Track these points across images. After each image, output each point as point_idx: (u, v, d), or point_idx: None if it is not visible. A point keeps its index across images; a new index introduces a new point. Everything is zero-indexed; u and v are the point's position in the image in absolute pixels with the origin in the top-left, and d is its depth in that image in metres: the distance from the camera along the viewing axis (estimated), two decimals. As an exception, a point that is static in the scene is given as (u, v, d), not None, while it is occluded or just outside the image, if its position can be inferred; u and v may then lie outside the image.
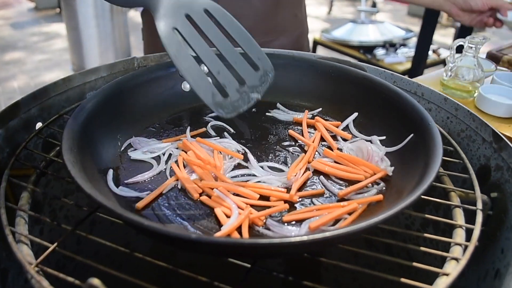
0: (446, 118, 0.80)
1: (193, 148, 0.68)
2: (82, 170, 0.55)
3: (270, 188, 0.61)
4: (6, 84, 4.25)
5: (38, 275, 0.49)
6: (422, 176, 0.55)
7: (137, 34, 5.41)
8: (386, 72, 0.89)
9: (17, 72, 4.60)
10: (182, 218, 0.57)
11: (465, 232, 0.57)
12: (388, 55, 3.02)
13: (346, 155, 0.68)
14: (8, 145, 0.73)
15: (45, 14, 6.63)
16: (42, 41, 5.57)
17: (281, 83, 0.86)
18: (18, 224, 0.57)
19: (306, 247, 0.43)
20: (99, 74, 0.88)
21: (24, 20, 6.43)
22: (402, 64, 2.98)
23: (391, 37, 3.14)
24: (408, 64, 2.93)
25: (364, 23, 3.34)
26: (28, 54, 5.13)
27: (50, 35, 5.73)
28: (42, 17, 6.52)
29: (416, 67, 2.64)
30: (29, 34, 5.80)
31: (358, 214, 0.57)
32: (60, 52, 5.11)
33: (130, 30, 4.36)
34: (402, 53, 3.02)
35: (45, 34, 5.79)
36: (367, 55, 3.09)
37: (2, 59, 4.98)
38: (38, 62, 4.90)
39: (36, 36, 5.73)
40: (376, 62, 3.03)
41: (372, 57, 3.06)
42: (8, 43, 5.46)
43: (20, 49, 5.29)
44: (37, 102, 0.78)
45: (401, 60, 2.96)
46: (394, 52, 3.05)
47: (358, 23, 3.37)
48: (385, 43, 3.13)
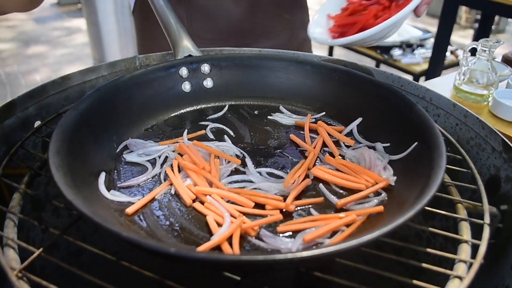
0: (455, 124, 0.77)
1: (188, 151, 0.66)
2: (69, 174, 0.53)
3: (266, 196, 0.59)
4: (29, 78, 4.31)
5: (21, 281, 0.48)
6: (424, 187, 0.52)
7: None
8: (393, 75, 0.85)
9: (39, 65, 4.67)
10: (172, 225, 0.55)
11: (471, 247, 0.54)
12: (405, 55, 2.97)
13: (348, 163, 0.65)
14: (4, 144, 0.72)
15: (67, 9, 6.70)
16: (64, 35, 5.64)
17: (284, 86, 0.84)
18: (6, 226, 0.56)
19: (295, 264, 0.40)
20: (99, 72, 0.87)
21: (46, 15, 6.51)
22: (419, 65, 2.92)
23: (408, 38, 3.08)
24: (425, 65, 2.87)
25: (381, 22, 3.28)
26: (50, 48, 5.20)
27: (71, 30, 5.80)
28: (64, 12, 6.60)
29: (433, 68, 2.58)
30: (51, 29, 5.88)
31: (357, 226, 0.55)
32: (81, 47, 5.17)
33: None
34: (419, 54, 2.96)
35: (67, 29, 5.86)
36: (384, 55, 3.04)
37: (25, 53, 5.06)
38: (60, 56, 4.97)
39: (58, 31, 5.80)
40: (393, 63, 2.98)
41: (389, 57, 3.01)
42: (31, 38, 5.54)
43: (43, 43, 5.36)
44: (34, 101, 0.77)
45: (418, 61, 2.90)
46: (411, 53, 2.99)
47: (375, 22, 3.31)
48: (402, 43, 3.07)
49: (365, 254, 0.51)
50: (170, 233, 0.54)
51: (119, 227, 0.45)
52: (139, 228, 0.54)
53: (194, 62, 0.83)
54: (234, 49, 0.95)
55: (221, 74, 0.85)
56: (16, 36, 5.58)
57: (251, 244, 0.52)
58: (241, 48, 0.95)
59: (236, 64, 0.85)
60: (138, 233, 0.53)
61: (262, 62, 0.84)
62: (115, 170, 0.65)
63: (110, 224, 0.45)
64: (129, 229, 0.53)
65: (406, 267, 0.78)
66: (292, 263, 0.40)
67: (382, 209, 0.56)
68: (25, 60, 4.85)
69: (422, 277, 0.65)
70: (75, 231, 0.80)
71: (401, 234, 0.83)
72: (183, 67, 0.82)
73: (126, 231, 0.43)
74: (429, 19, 6.29)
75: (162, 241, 0.52)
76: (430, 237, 0.79)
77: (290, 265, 0.40)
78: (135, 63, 0.92)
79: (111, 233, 0.42)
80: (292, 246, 0.51)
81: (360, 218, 0.55)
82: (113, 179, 0.64)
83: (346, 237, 0.53)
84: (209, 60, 0.84)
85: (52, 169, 0.52)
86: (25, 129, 0.75)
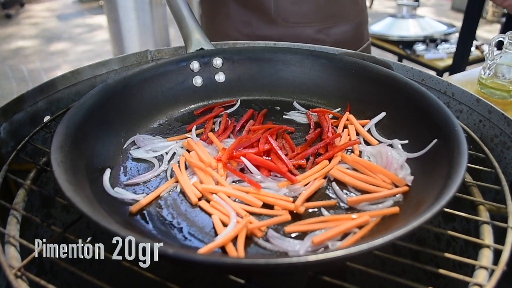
0: (478, 121, 0.72)
1: (196, 148, 0.63)
2: (71, 170, 0.52)
3: (275, 196, 0.56)
4: (51, 74, 4.38)
5: (19, 280, 0.47)
6: (443, 188, 0.48)
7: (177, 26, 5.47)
8: (414, 69, 0.81)
9: (61, 62, 4.74)
10: (177, 224, 0.53)
11: (493, 253, 0.50)
12: (429, 50, 2.88)
13: (364, 161, 0.61)
14: (12, 138, 0.72)
15: (89, 6, 6.79)
16: (85, 32, 5.71)
17: (298, 80, 0.81)
18: (9, 223, 0.54)
19: (300, 268, 0.37)
20: (110, 67, 0.85)
21: (69, 12, 6.62)
22: (443, 60, 2.83)
23: (432, 32, 3.00)
24: (449, 60, 2.79)
25: (404, 17, 3.20)
26: (72, 45, 5.28)
27: (93, 27, 5.87)
28: (86, 9, 6.69)
29: (458, 64, 2.50)
30: (73, 26, 5.96)
31: (370, 228, 0.51)
32: (102, 43, 5.23)
33: (169, 23, 4.39)
34: (443, 49, 2.87)
35: (88, 26, 5.93)
36: (406, 51, 2.96)
37: (47, 49, 5.15)
38: (81, 53, 5.03)
39: (80, 28, 5.88)
40: (415, 58, 2.90)
41: (412, 52, 2.93)
42: (53, 34, 5.64)
43: (65, 40, 5.44)
44: (44, 95, 0.76)
45: (442, 56, 2.82)
46: (435, 48, 2.91)
47: (398, 17, 3.24)
48: (426, 38, 2.98)
49: (379, 258, 0.48)
50: (174, 232, 0.52)
51: (117, 226, 0.42)
52: (141, 227, 0.52)
53: (206, 56, 0.80)
54: (248, 43, 0.92)
55: (234, 68, 0.82)
56: (39, 33, 5.68)
57: (258, 246, 0.50)
58: (255, 42, 0.92)
59: (249, 58, 0.82)
60: (139, 232, 0.51)
61: (276, 56, 0.82)
62: (121, 167, 0.64)
63: (109, 223, 0.43)
64: (131, 228, 0.51)
65: (424, 271, 0.74)
66: (296, 268, 0.37)
67: (397, 210, 0.53)
68: (48, 57, 4.93)
69: (441, 281, 0.62)
70: (86, 228, 0.79)
71: (418, 236, 0.79)
72: (194, 61, 0.80)
73: (124, 230, 0.41)
74: (455, 14, 6.14)
75: (164, 241, 0.50)
76: (450, 239, 0.75)
77: (294, 269, 0.38)
78: (147, 57, 0.90)
79: (109, 232, 0.40)
80: (300, 249, 0.48)
81: (374, 220, 0.52)
82: (118, 176, 0.62)
83: (358, 239, 0.49)
84: (221, 54, 0.81)
85: (53, 165, 0.50)
86: (34, 124, 0.74)
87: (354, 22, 1.19)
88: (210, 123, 0.73)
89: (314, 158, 0.64)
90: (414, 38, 2.99)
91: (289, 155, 0.65)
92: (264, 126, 0.70)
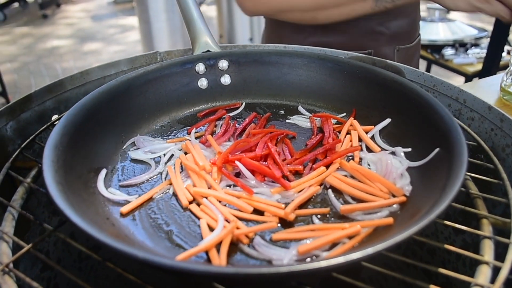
0: (490, 129, 0.69)
1: (192, 151, 0.63)
2: (62, 169, 0.52)
3: (266, 202, 0.55)
4: (84, 73, 4.49)
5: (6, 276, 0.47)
6: (437, 200, 0.46)
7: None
8: (425, 74, 0.78)
9: (93, 62, 4.86)
10: (166, 227, 0.53)
11: (492, 270, 0.47)
12: (458, 55, 2.79)
13: (362, 169, 0.60)
14: (19, 136, 0.73)
15: (123, 8, 6.95)
16: (118, 33, 5.85)
17: (304, 84, 0.80)
18: (5, 220, 0.55)
19: (272, 279, 0.36)
20: (119, 67, 0.86)
21: (103, 13, 6.79)
22: (473, 66, 2.74)
23: (462, 36, 2.90)
24: (479, 65, 2.69)
25: (434, 21, 3.12)
26: (104, 45, 5.41)
27: (125, 28, 6.00)
28: (120, 10, 6.85)
29: (487, 69, 2.41)
30: (106, 26, 6.12)
31: (361, 239, 0.49)
32: (134, 44, 5.34)
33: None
34: (473, 54, 2.78)
35: (121, 27, 6.07)
36: (434, 55, 2.88)
37: (81, 49, 5.30)
38: (114, 53, 5.15)
39: (113, 28, 6.02)
40: (444, 63, 2.82)
41: (440, 57, 2.85)
42: (87, 35, 5.80)
43: (98, 40, 5.59)
44: (52, 95, 0.78)
45: (472, 61, 2.72)
46: (465, 53, 2.82)
47: (427, 21, 3.15)
48: (455, 42, 2.89)
49: (367, 270, 0.46)
50: (161, 235, 0.52)
51: (96, 227, 0.42)
52: (130, 229, 0.52)
53: (211, 58, 0.80)
54: (255, 45, 0.91)
55: (240, 70, 0.81)
56: (74, 33, 5.85)
57: (243, 253, 0.49)
58: (263, 45, 0.91)
59: (255, 60, 0.81)
60: (126, 234, 0.51)
61: (282, 59, 0.80)
62: (118, 167, 0.64)
63: (89, 223, 0.43)
64: (119, 230, 0.51)
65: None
66: (267, 278, 0.36)
67: (391, 221, 0.51)
68: (81, 56, 5.07)
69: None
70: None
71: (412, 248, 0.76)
72: (200, 63, 0.79)
73: (100, 231, 0.41)
74: (490, 18, 5.93)
75: (149, 244, 0.50)
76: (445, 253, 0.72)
77: (266, 279, 0.36)
78: (156, 59, 0.90)
79: (83, 232, 0.40)
80: (285, 258, 0.46)
81: (366, 230, 0.50)
82: (114, 177, 0.62)
83: (346, 250, 0.48)
84: (227, 56, 0.81)
85: (44, 164, 0.51)
86: (41, 123, 0.76)
87: (410, 17, 1.21)
88: (212, 126, 0.72)
89: (312, 164, 0.63)
90: (443, 42, 2.91)
91: (287, 160, 0.63)
92: (265, 130, 0.69)
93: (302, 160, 0.63)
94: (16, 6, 6.85)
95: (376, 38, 1.16)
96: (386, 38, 1.17)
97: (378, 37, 1.16)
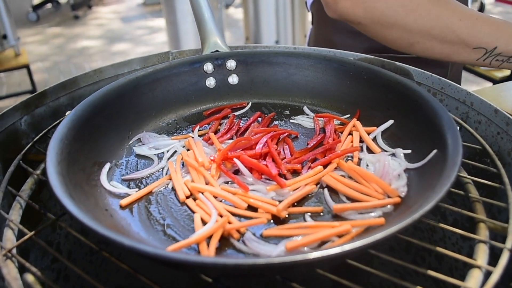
0: (496, 133, 0.68)
1: (194, 147, 0.65)
2: (66, 161, 0.54)
3: (260, 199, 0.56)
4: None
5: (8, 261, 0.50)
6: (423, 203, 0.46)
7: (233, 30, 5.66)
8: (433, 76, 0.78)
9: (121, 62, 4.97)
10: (161, 220, 0.55)
11: (483, 275, 0.47)
12: (485, 60, 2.73)
13: (359, 169, 0.60)
14: (33, 131, 0.76)
15: (152, 9, 7.09)
16: (146, 34, 5.96)
17: (311, 85, 0.80)
18: (13, 208, 0.58)
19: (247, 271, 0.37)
20: (132, 66, 0.89)
21: (132, 14, 6.94)
22: (501, 71, 2.67)
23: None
24: (507, 70, 2.63)
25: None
26: (132, 46, 5.53)
27: (154, 29, 6.11)
28: (149, 12, 6.98)
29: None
30: (135, 28, 6.24)
31: (351, 237, 0.50)
32: (161, 45, 5.43)
33: (225, 27, 4.48)
34: (501, 58, 2.70)
35: (149, 28, 6.19)
36: (461, 59, 2.81)
37: (109, 49, 5.43)
38: (141, 53, 5.22)
39: (142, 30, 6.14)
40: (470, 67, 2.77)
41: (467, 61, 2.78)
42: (116, 35, 5.93)
43: (126, 41, 5.71)
44: (66, 92, 0.81)
45: (499, 66, 2.65)
46: (492, 57, 2.74)
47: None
48: (483, 46, 2.82)
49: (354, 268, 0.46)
50: (156, 228, 0.53)
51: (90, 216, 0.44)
52: (127, 221, 0.54)
53: (219, 58, 0.82)
54: (262, 46, 0.92)
55: (247, 70, 0.83)
56: (103, 33, 5.99)
57: (233, 247, 0.50)
58: (272, 46, 0.92)
59: (262, 61, 0.82)
60: (123, 226, 0.53)
61: (289, 59, 0.81)
62: (122, 162, 0.66)
63: (84, 212, 0.45)
64: (115, 221, 0.53)
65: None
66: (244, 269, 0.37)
67: (383, 221, 0.51)
68: (110, 56, 5.19)
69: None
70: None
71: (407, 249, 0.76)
72: (208, 62, 0.81)
73: (91, 220, 0.43)
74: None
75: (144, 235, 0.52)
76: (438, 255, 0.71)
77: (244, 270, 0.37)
78: (168, 58, 0.93)
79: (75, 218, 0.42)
80: (273, 253, 0.47)
81: (357, 230, 0.51)
82: (117, 171, 0.64)
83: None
84: (235, 56, 0.82)
85: (48, 155, 0.53)
86: (55, 118, 0.79)
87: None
88: (216, 124, 0.74)
89: (311, 163, 0.63)
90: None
91: (286, 159, 0.64)
92: (268, 129, 0.70)
93: (301, 159, 0.63)
94: (49, 7, 7.07)
95: None
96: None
97: None
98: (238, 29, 5.70)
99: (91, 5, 7.24)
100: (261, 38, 4.39)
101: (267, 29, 4.35)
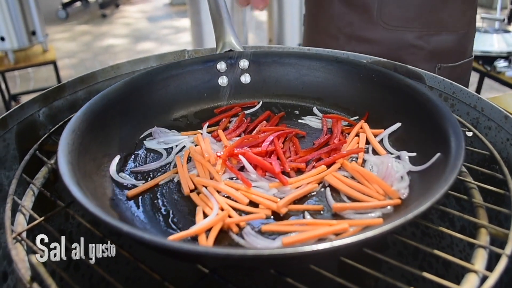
0: (505, 139, 0.67)
1: (202, 143, 0.66)
2: (76, 152, 0.57)
3: (262, 195, 0.57)
4: (135, 72, 4.69)
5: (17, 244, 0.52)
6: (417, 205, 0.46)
7: (257, 32, 5.69)
8: (445, 81, 0.78)
9: (146, 61, 5.06)
10: (165, 211, 0.56)
11: (480, 280, 0.47)
12: (511, 68, 2.68)
13: (361, 170, 0.60)
14: (51, 122, 0.79)
15: (178, 9, 7.18)
16: (171, 34, 6.04)
17: (321, 86, 0.81)
18: (26, 195, 0.61)
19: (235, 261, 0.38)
20: (148, 63, 0.91)
21: (158, 14, 7.05)
22: (527, 79, 2.61)
23: (518, 48, 2.78)
24: (533, 79, 2.56)
25: (488, 32, 3.00)
26: (157, 45, 5.61)
27: (179, 29, 6.19)
28: (175, 12, 7.07)
29: (540, 84, 2.29)
30: (161, 27, 6.33)
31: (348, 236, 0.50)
32: (186, 45, 5.49)
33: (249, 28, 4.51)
34: (527, 67, 2.65)
35: (175, 28, 6.27)
36: (486, 67, 2.77)
37: (135, 48, 5.52)
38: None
39: (167, 29, 6.23)
40: (495, 75, 2.71)
41: (492, 69, 2.74)
42: (142, 35, 6.03)
43: (152, 40, 5.80)
44: (84, 86, 0.84)
45: (525, 75, 2.60)
46: (519, 65, 2.69)
47: (481, 31, 3.04)
48: (510, 54, 2.77)
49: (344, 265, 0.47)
50: (159, 219, 0.55)
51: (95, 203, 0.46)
52: (132, 211, 0.56)
53: (233, 57, 0.83)
54: (276, 46, 0.93)
55: (260, 70, 0.84)
56: (130, 32, 6.10)
57: (231, 240, 0.51)
58: (284, 46, 0.93)
59: (275, 61, 0.83)
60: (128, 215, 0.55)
61: (301, 61, 0.82)
62: (132, 155, 0.68)
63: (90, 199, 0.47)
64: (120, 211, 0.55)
65: None
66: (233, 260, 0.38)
67: (381, 222, 0.51)
68: (134, 55, 5.26)
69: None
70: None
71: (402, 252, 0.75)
72: (221, 61, 0.83)
73: (96, 207, 0.44)
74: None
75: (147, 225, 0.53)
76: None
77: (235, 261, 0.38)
78: (184, 57, 0.95)
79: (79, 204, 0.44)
80: (269, 247, 0.48)
81: (354, 229, 0.51)
82: (127, 163, 0.66)
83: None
84: (248, 56, 0.83)
85: (60, 145, 0.56)
86: (72, 111, 0.81)
87: (458, 34, 1.11)
88: (226, 122, 0.75)
89: (315, 162, 0.64)
90: (497, 54, 2.79)
91: (291, 157, 0.65)
92: (275, 128, 0.71)
93: (306, 158, 0.64)
94: (78, 5, 7.25)
95: (413, 52, 1.09)
96: (425, 53, 1.09)
97: (416, 51, 1.09)
98: (262, 31, 5.71)
99: (119, 4, 7.39)
100: (285, 41, 4.39)
101: (290, 31, 4.35)
